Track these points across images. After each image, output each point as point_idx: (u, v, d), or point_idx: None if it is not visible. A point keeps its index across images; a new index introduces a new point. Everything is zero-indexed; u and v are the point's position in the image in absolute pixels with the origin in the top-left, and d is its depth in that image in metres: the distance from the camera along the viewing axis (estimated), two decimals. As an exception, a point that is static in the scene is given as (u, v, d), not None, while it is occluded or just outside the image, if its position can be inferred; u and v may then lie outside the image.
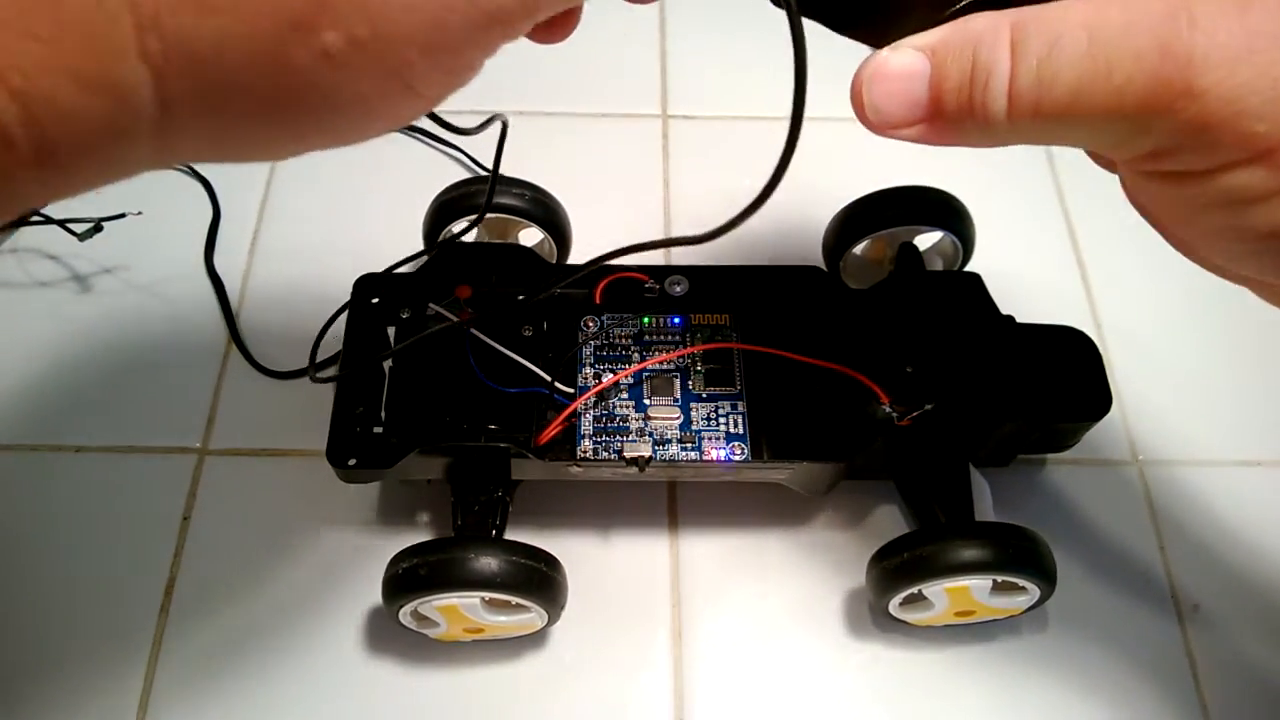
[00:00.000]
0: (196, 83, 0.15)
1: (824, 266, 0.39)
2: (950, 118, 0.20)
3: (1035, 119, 0.19)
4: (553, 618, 0.32)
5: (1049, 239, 0.44)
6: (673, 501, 0.37)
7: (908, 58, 0.20)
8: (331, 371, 0.35)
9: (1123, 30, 0.18)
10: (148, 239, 0.42)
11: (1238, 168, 0.19)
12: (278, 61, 0.15)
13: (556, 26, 0.22)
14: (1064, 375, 0.34)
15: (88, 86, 0.14)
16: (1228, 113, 0.18)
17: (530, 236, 0.38)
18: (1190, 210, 0.21)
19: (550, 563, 0.31)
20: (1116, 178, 0.25)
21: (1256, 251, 0.21)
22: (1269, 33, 0.18)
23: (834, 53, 0.22)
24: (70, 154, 0.15)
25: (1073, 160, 0.46)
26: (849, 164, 0.45)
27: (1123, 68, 0.18)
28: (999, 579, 0.31)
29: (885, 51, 0.20)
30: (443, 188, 0.38)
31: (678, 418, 0.33)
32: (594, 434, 0.32)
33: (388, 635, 0.34)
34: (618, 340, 0.35)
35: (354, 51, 0.15)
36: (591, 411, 0.33)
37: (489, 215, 0.37)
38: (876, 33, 0.21)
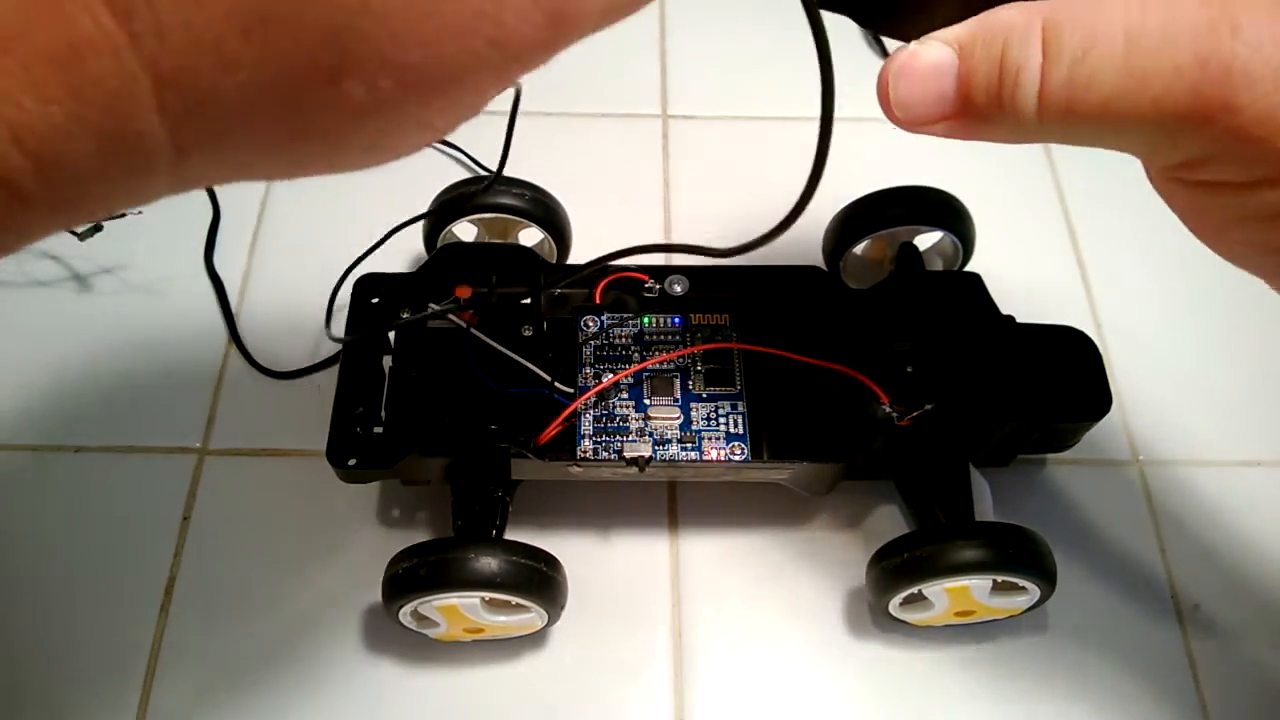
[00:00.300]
0: (215, 132, 0.15)
1: (824, 266, 0.39)
2: (978, 114, 0.20)
3: (1066, 120, 0.19)
4: (553, 618, 0.32)
5: (1049, 239, 0.44)
6: (673, 501, 0.37)
7: (935, 52, 0.20)
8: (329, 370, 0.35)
9: (1162, 39, 0.18)
10: (148, 239, 0.42)
11: (1273, 185, 0.19)
12: (299, 111, 0.15)
13: None
14: (1064, 375, 0.34)
15: (104, 144, 0.14)
16: (1266, 130, 0.18)
17: (530, 236, 0.38)
18: (1221, 220, 0.21)
19: (550, 563, 0.31)
20: (1117, 177, 0.25)
21: None
22: None
23: (836, 53, 0.22)
24: (83, 200, 0.15)
25: (1073, 160, 0.46)
26: (849, 164, 0.44)
27: (1160, 78, 0.18)
28: (999, 579, 0.31)
29: (913, 45, 0.20)
30: (443, 188, 0.38)
31: (678, 418, 0.33)
32: (594, 434, 0.32)
33: (388, 635, 0.34)
34: (618, 340, 0.35)
35: (375, 101, 0.15)
36: (591, 411, 0.33)
37: (489, 215, 0.37)
38: (904, 27, 0.20)
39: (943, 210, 0.37)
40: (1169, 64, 0.18)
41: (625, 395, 0.33)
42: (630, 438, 0.32)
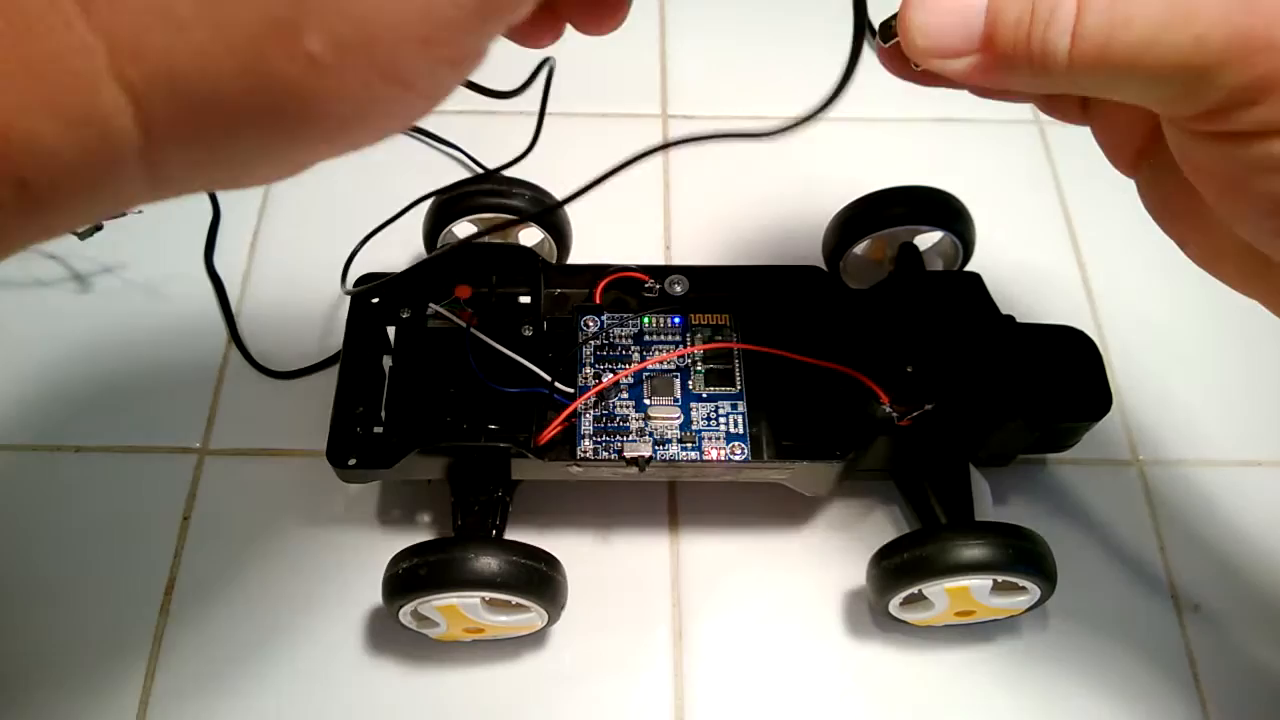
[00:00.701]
0: (179, 104, 0.14)
1: (824, 266, 0.39)
2: (1004, 54, 0.19)
3: (1098, 64, 0.18)
4: (553, 618, 0.32)
5: (1049, 239, 0.44)
6: (673, 501, 0.37)
7: None
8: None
9: None
10: (148, 238, 0.42)
11: None
12: (262, 72, 0.14)
13: (600, 17, 0.21)
14: (1064, 375, 0.34)
15: (66, 122, 0.14)
16: None
17: (530, 236, 0.38)
18: (1243, 173, 0.20)
19: (550, 563, 0.31)
20: (1118, 176, 0.25)
21: None
22: None
23: (834, 53, 0.22)
24: (54, 192, 0.14)
25: (1074, 160, 0.46)
26: (849, 164, 0.45)
27: (1205, 16, 0.17)
28: (999, 579, 0.31)
29: None
30: (442, 187, 0.38)
31: (678, 418, 0.33)
32: (594, 434, 0.32)
33: (388, 635, 0.34)
34: (618, 340, 0.35)
35: (341, 54, 0.14)
36: (591, 411, 0.33)
37: (489, 215, 0.37)
38: None
39: (943, 210, 0.37)
40: (1215, 1, 0.17)
41: (625, 395, 0.33)
42: (630, 438, 0.32)
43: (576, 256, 0.40)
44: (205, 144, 0.15)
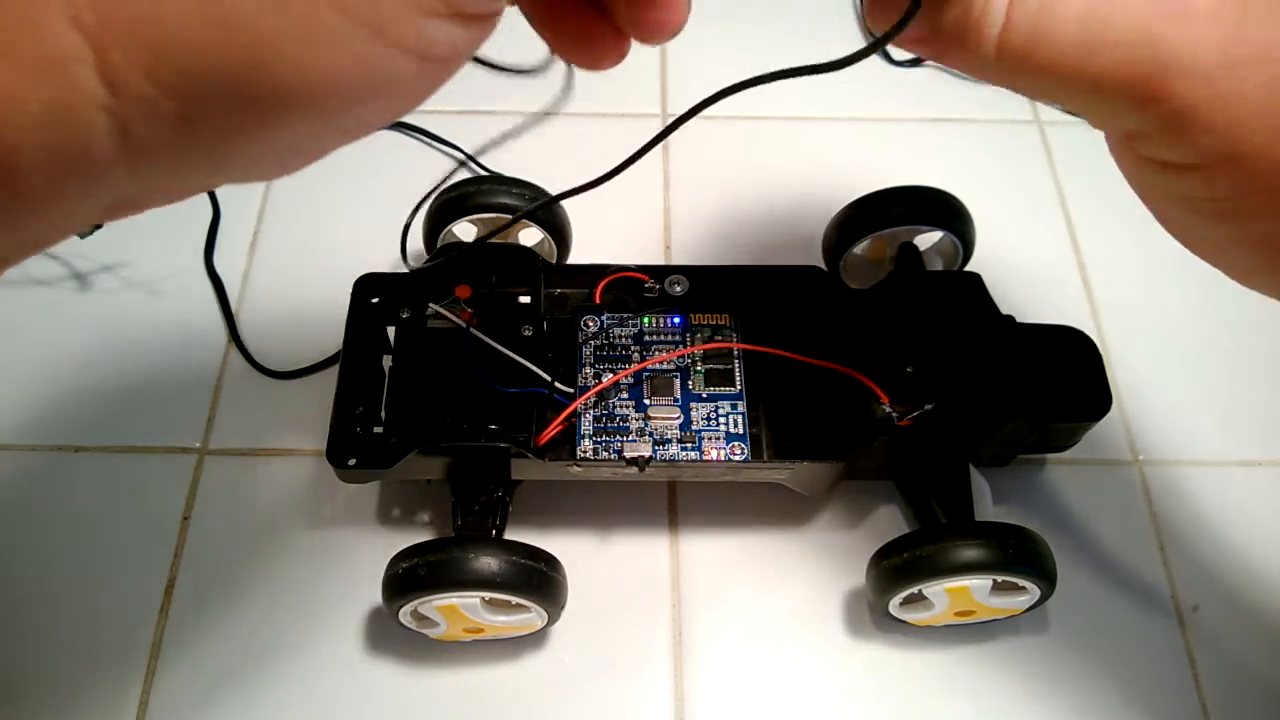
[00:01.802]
0: (142, 49, 0.13)
1: (824, 266, 0.39)
2: (945, 35, 0.20)
3: (1021, 65, 0.19)
4: (553, 618, 0.32)
5: (1049, 239, 0.44)
6: (673, 501, 0.37)
7: None
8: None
9: (1119, 10, 0.18)
10: (148, 238, 0.42)
11: (1198, 171, 0.19)
12: (225, 19, 0.13)
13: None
14: (1064, 375, 0.34)
15: (19, 71, 0.12)
16: (1198, 121, 0.18)
17: (530, 236, 0.38)
18: (1160, 197, 0.21)
19: (550, 563, 0.31)
20: (1117, 176, 0.25)
21: (1218, 251, 0.21)
22: (1259, 41, 0.17)
23: (833, 53, 0.23)
24: (20, 162, 0.13)
25: (1073, 160, 0.46)
26: (849, 164, 0.45)
27: (1104, 54, 0.18)
28: (999, 579, 0.31)
29: None
30: (443, 188, 0.38)
31: (678, 418, 0.33)
32: (594, 434, 0.32)
33: (388, 635, 0.34)
34: (618, 340, 0.35)
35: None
36: (591, 411, 0.33)
37: (489, 216, 0.37)
38: None
39: (943, 210, 0.37)
40: (1114, 39, 0.18)
41: (625, 395, 0.33)
42: (630, 438, 0.32)
43: (576, 256, 0.40)
44: (180, 112, 0.14)
